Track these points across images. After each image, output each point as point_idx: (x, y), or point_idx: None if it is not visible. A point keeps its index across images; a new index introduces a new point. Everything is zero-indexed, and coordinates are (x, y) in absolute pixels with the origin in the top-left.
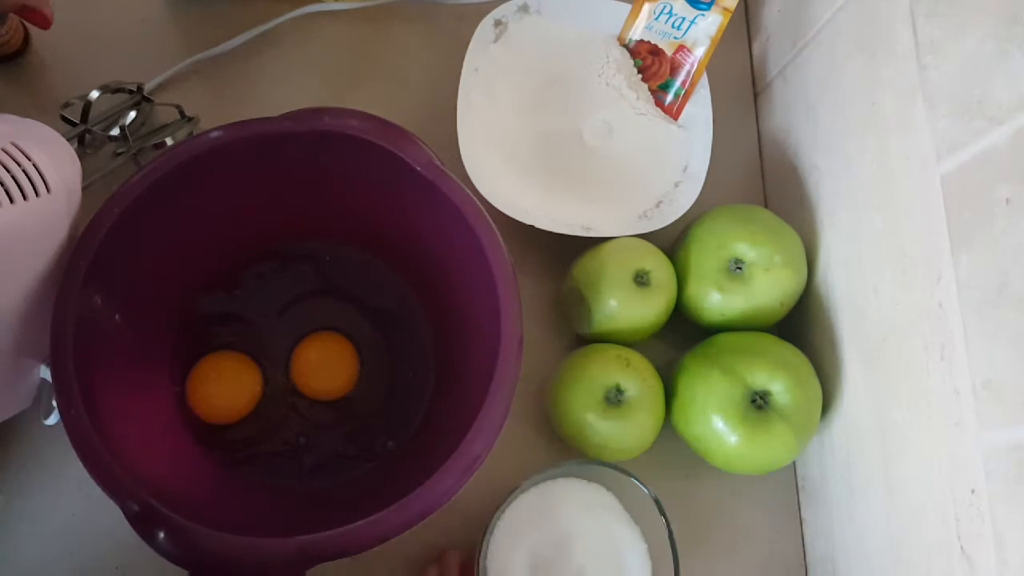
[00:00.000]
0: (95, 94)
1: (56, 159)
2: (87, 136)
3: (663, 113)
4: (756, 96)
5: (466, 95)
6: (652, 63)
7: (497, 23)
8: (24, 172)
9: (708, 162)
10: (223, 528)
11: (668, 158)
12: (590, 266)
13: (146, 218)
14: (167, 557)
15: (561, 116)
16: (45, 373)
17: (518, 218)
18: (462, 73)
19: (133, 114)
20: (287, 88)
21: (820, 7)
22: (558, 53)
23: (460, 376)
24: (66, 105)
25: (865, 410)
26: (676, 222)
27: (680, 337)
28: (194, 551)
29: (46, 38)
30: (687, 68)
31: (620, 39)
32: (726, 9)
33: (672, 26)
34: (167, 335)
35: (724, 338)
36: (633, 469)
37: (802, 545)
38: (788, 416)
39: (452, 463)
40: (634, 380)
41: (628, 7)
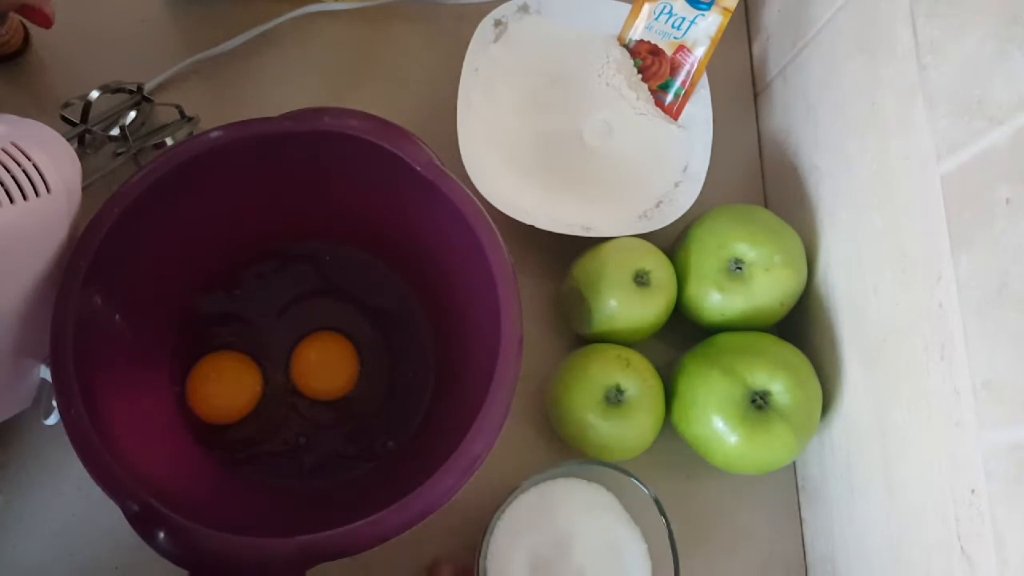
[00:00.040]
0: (95, 94)
1: (56, 159)
2: (87, 136)
3: (663, 113)
4: (756, 96)
5: (466, 95)
6: (652, 63)
7: (497, 23)
8: (24, 172)
9: (708, 162)
10: (223, 528)
11: (668, 158)
12: (590, 266)
13: (146, 218)
14: (167, 557)
15: (561, 116)
16: (45, 373)
17: (518, 218)
18: (462, 73)
19: (133, 114)
20: (287, 88)
21: (820, 7)
22: (558, 53)
23: (460, 376)
24: (66, 105)
25: (865, 410)
26: (676, 222)
27: (680, 337)
28: (194, 551)
29: (46, 38)
30: (687, 68)
31: (620, 39)
32: (726, 9)
33: (672, 26)
34: (167, 335)
35: (724, 338)
36: (633, 469)
37: (802, 545)
38: (788, 416)
39: (452, 463)
40: (634, 380)
41: (628, 7)
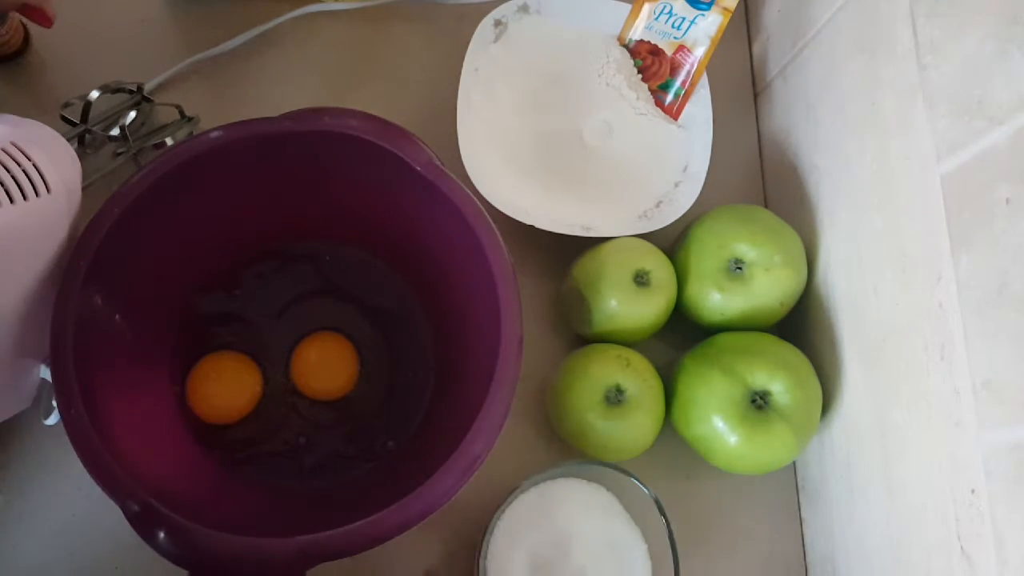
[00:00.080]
0: (95, 94)
1: (56, 159)
2: (87, 136)
3: (663, 113)
4: (756, 96)
5: (466, 95)
6: (652, 63)
7: (497, 23)
8: (24, 172)
9: (708, 162)
10: (223, 528)
11: (668, 158)
12: (590, 266)
13: (146, 218)
14: (167, 557)
15: (561, 116)
16: (45, 373)
17: (518, 218)
18: (462, 73)
19: (133, 114)
20: (287, 88)
21: (820, 7)
22: (558, 53)
23: (460, 376)
24: (66, 105)
25: (865, 410)
26: (676, 222)
27: (680, 337)
28: (194, 551)
29: (46, 38)
30: (687, 68)
31: (620, 39)
32: (726, 9)
33: (672, 26)
34: (167, 335)
35: (724, 338)
36: (633, 469)
37: (802, 545)
38: (788, 416)
39: (452, 463)
40: (634, 380)
41: (628, 7)
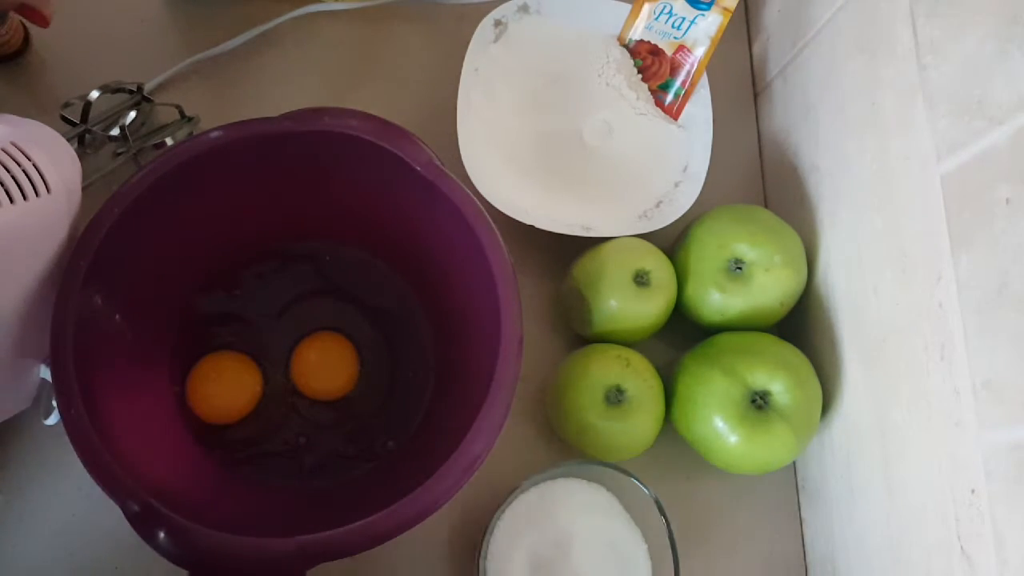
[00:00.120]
0: (95, 94)
1: (56, 159)
2: (87, 136)
3: (663, 113)
4: (756, 96)
5: (466, 95)
6: (652, 63)
7: (497, 23)
8: (24, 172)
9: (708, 162)
10: (223, 528)
11: (668, 158)
12: (590, 266)
13: (146, 218)
14: (167, 557)
15: (561, 116)
16: (45, 373)
17: (518, 218)
18: (462, 73)
19: (133, 114)
20: (287, 88)
21: (820, 7)
22: (558, 53)
23: (460, 376)
24: (66, 105)
25: (865, 410)
26: (676, 222)
27: (680, 337)
28: (194, 551)
29: (46, 38)
30: (687, 68)
31: (620, 39)
32: (726, 9)
33: (672, 26)
34: (167, 335)
35: (724, 338)
36: (633, 469)
37: (802, 545)
38: (788, 416)
39: (452, 463)
40: (634, 380)
41: (628, 7)
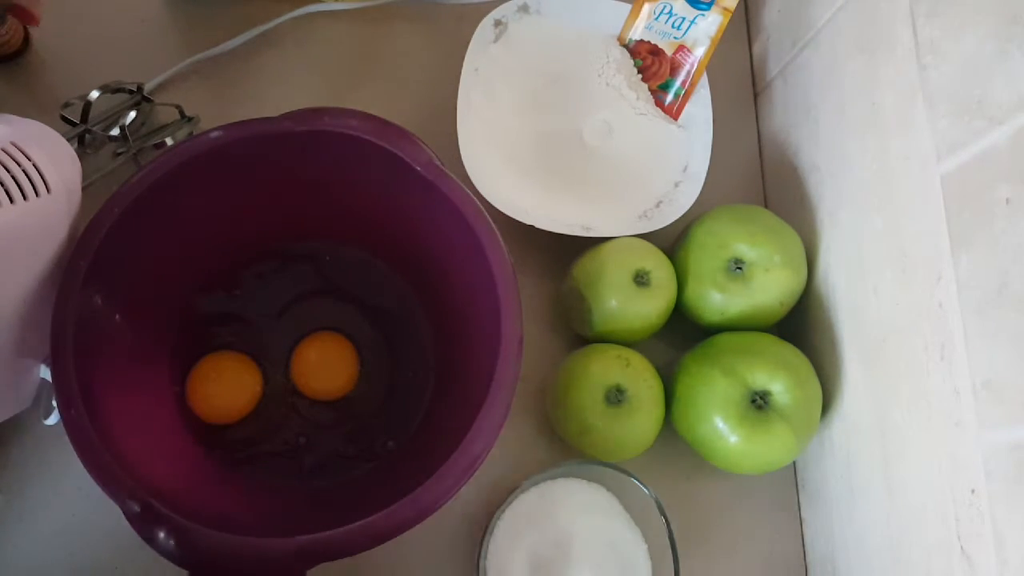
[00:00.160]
0: (95, 94)
1: (56, 159)
2: (87, 136)
3: (663, 113)
4: (756, 96)
5: (466, 95)
6: (652, 63)
7: (497, 23)
8: (24, 172)
9: (708, 162)
10: (223, 528)
11: (668, 158)
12: (590, 266)
13: (146, 218)
14: (167, 557)
15: (561, 116)
16: (45, 373)
17: (518, 218)
18: (462, 73)
19: (133, 114)
20: (287, 88)
21: (820, 7)
22: (558, 53)
23: (460, 376)
24: (66, 105)
25: (865, 410)
26: (676, 222)
27: (680, 337)
28: (194, 551)
29: (46, 38)
30: (687, 68)
31: (620, 39)
32: (726, 9)
33: (672, 26)
34: (167, 335)
35: (724, 338)
36: (633, 469)
37: (802, 545)
38: (788, 416)
39: (452, 463)
40: (634, 380)
41: (628, 7)
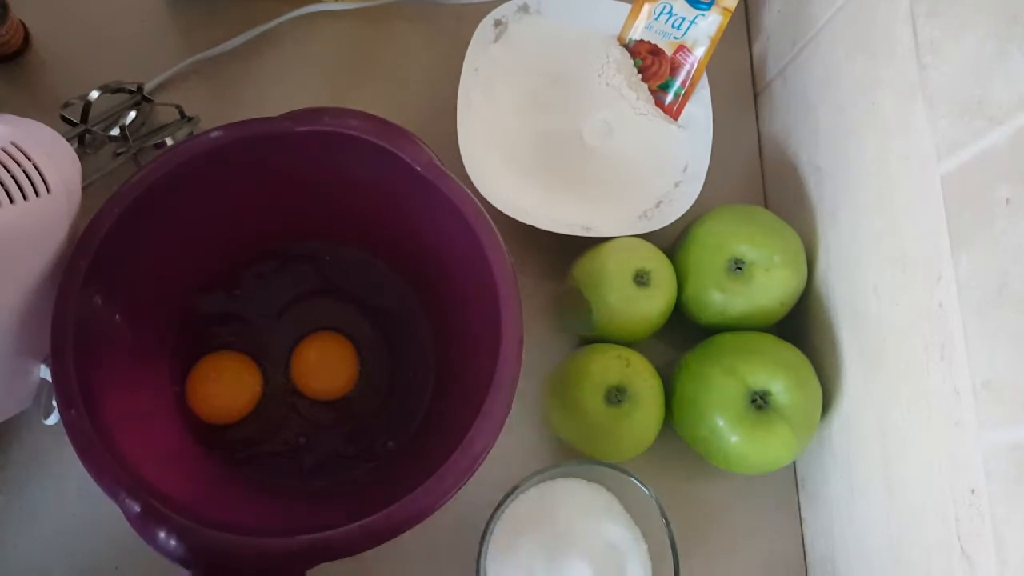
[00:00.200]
0: (95, 94)
1: (56, 159)
2: (87, 136)
3: (663, 113)
4: (756, 96)
5: (466, 95)
6: (652, 63)
7: (497, 23)
8: (24, 172)
9: (708, 162)
10: (223, 528)
11: (668, 158)
12: (590, 266)
13: (146, 218)
14: (167, 557)
15: (561, 116)
16: (45, 373)
17: (518, 218)
18: (462, 73)
19: (133, 114)
20: (287, 88)
21: (820, 7)
22: (558, 53)
23: (460, 376)
24: (66, 105)
25: (865, 410)
26: (676, 222)
27: (680, 337)
28: (194, 551)
29: (46, 38)
30: (687, 68)
31: (620, 39)
32: (726, 9)
33: (672, 26)
34: (167, 335)
35: (724, 338)
36: (633, 469)
37: (802, 545)
38: (788, 416)
39: (452, 463)
40: (634, 380)
41: (628, 7)
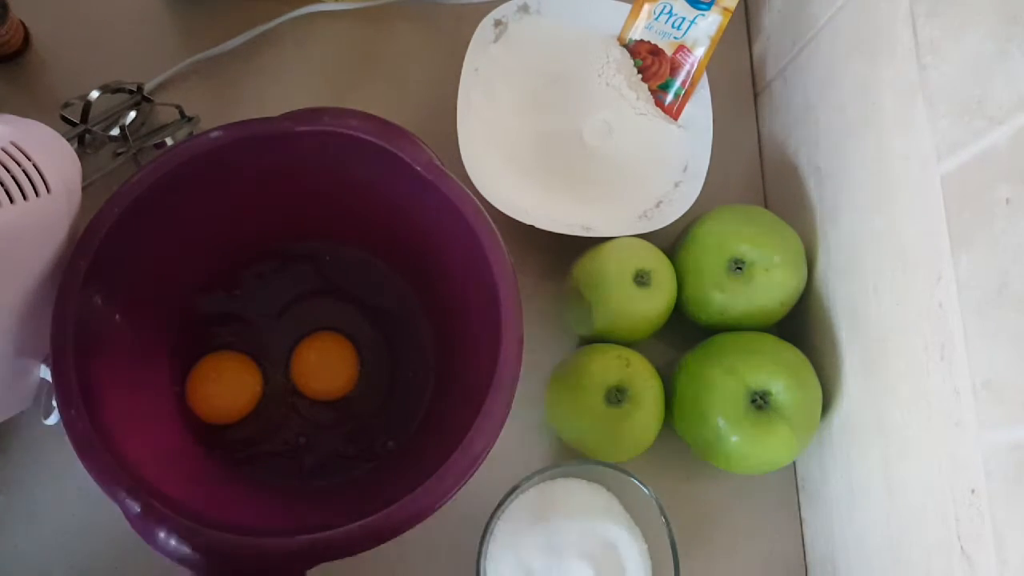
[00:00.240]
0: (95, 94)
1: (56, 159)
2: (87, 136)
3: (663, 113)
4: (756, 96)
5: (466, 95)
6: (652, 63)
7: (497, 23)
8: (24, 172)
9: (708, 162)
10: (223, 528)
11: (668, 158)
12: (590, 266)
13: (146, 218)
14: (167, 557)
15: (561, 116)
16: (45, 373)
17: (518, 218)
18: (462, 73)
19: (133, 114)
20: (287, 88)
21: (820, 7)
22: (558, 53)
23: (460, 376)
24: (66, 105)
25: (865, 410)
26: (676, 222)
27: (680, 337)
28: (194, 551)
29: (46, 38)
30: (687, 68)
31: (620, 39)
32: (726, 9)
33: (672, 26)
34: (167, 335)
35: (724, 338)
36: (633, 469)
37: (802, 545)
38: (788, 416)
39: (452, 463)
40: (634, 380)
41: (628, 7)
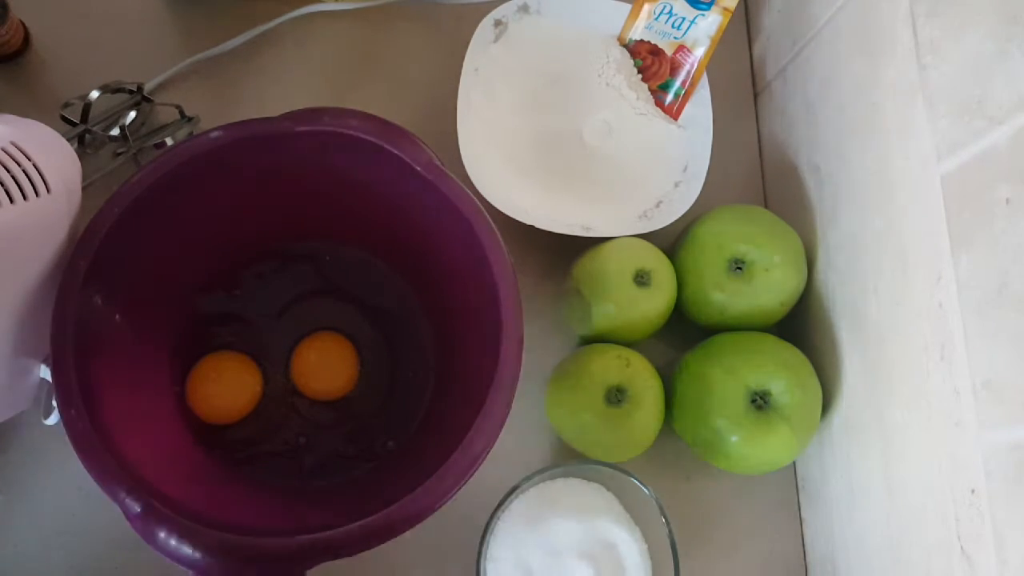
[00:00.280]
0: (95, 94)
1: (56, 159)
2: (87, 136)
3: (663, 113)
4: (756, 96)
5: (466, 95)
6: (652, 63)
7: (497, 23)
8: (24, 172)
9: (708, 162)
10: (223, 528)
11: (668, 158)
12: (590, 266)
13: (146, 218)
14: (167, 557)
15: (561, 116)
16: (45, 373)
17: (518, 218)
18: (462, 73)
19: (133, 114)
20: (287, 88)
21: (820, 7)
22: (558, 53)
23: (460, 376)
24: (66, 105)
25: (865, 410)
26: (676, 222)
27: (680, 337)
28: (194, 551)
29: (46, 38)
30: (687, 68)
31: (620, 39)
32: (726, 9)
33: (672, 26)
34: (167, 335)
35: (724, 338)
36: (633, 469)
37: (802, 545)
38: (788, 416)
39: (452, 463)
40: (634, 380)
41: (628, 7)
